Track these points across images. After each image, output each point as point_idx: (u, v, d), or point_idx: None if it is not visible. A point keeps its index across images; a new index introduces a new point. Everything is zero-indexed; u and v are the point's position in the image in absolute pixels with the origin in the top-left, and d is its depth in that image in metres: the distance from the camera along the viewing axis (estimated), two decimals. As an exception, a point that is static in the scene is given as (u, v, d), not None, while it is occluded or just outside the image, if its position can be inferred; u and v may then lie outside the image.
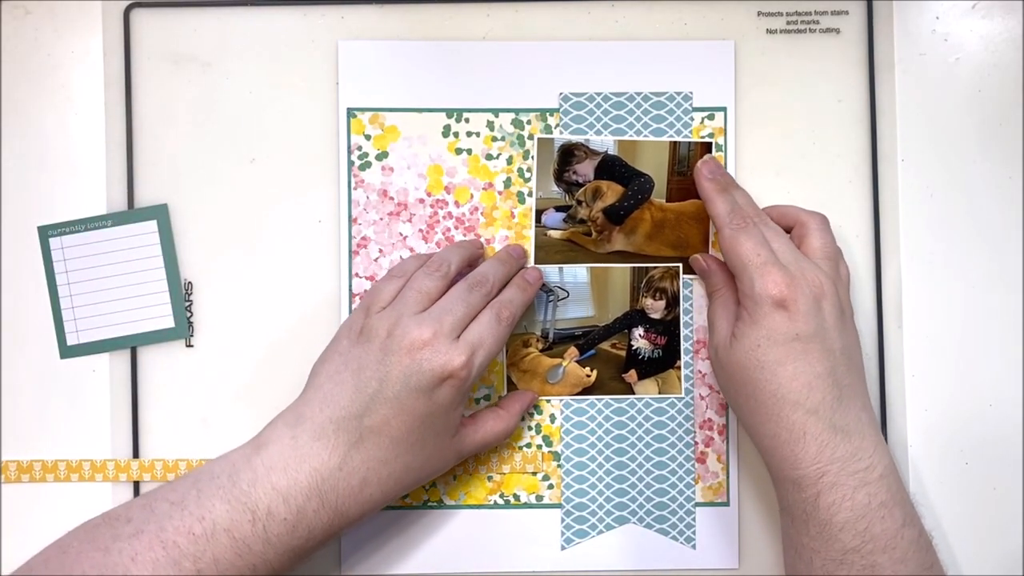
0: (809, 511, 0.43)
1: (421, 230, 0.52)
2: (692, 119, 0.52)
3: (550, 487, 0.52)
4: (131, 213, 0.51)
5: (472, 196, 0.53)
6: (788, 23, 0.53)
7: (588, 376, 0.52)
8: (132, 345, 0.51)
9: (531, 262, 0.52)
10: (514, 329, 0.48)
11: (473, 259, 0.50)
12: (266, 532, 0.41)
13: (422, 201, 0.52)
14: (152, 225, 0.51)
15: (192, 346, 0.52)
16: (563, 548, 0.52)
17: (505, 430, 0.49)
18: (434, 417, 0.44)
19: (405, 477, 0.45)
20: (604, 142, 0.52)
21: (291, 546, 0.42)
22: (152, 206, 0.51)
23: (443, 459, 0.47)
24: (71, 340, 0.51)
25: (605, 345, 0.53)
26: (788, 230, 0.49)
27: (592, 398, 0.52)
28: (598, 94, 0.52)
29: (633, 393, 0.52)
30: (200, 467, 0.44)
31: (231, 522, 0.41)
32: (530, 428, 0.52)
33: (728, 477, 0.52)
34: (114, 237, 0.51)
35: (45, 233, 0.51)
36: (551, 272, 0.52)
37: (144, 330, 0.51)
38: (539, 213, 0.52)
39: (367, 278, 0.52)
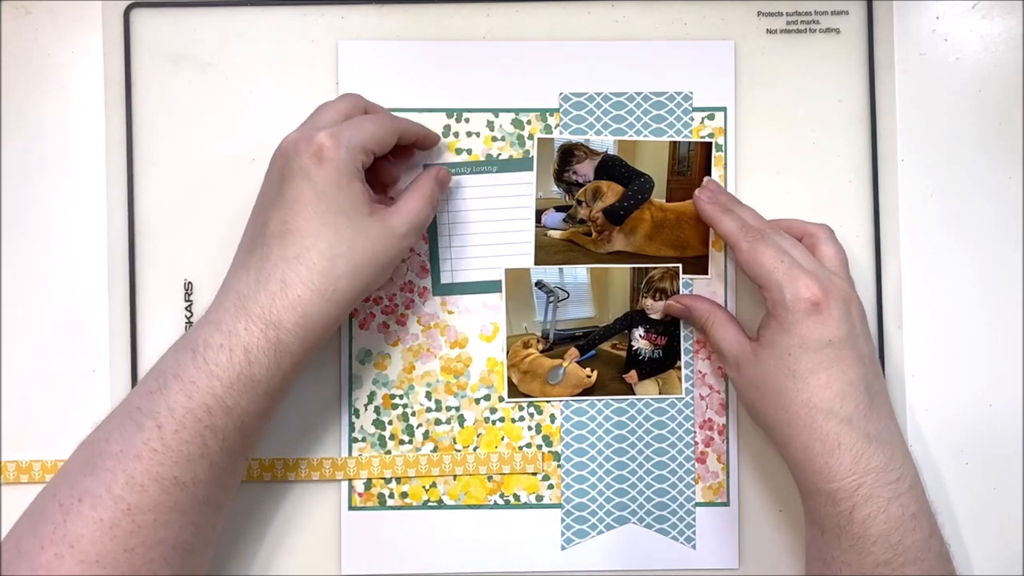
0: (843, 524, 0.42)
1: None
2: (692, 119, 0.52)
3: (550, 487, 0.52)
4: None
5: (472, 196, 0.53)
6: (788, 23, 0.53)
7: (588, 377, 0.52)
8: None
9: (531, 262, 0.52)
10: (512, 331, 0.48)
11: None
12: (207, 363, 0.41)
13: (422, 201, 0.52)
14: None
15: (192, 346, 0.52)
16: (563, 548, 0.52)
17: (424, 206, 0.47)
18: (327, 196, 0.43)
19: (331, 267, 0.42)
20: (604, 142, 0.52)
21: (236, 374, 0.41)
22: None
23: (370, 239, 0.44)
24: (445, 279, 0.52)
25: (605, 346, 0.53)
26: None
27: (592, 398, 0.52)
28: (598, 94, 0.52)
29: (633, 394, 0.52)
30: None
31: (177, 365, 0.41)
32: (530, 428, 0.52)
33: (728, 477, 0.52)
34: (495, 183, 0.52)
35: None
36: (551, 273, 0.52)
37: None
38: (539, 213, 0.52)
39: (367, 278, 0.52)
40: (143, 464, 0.40)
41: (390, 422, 0.52)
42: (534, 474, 0.52)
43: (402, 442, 0.52)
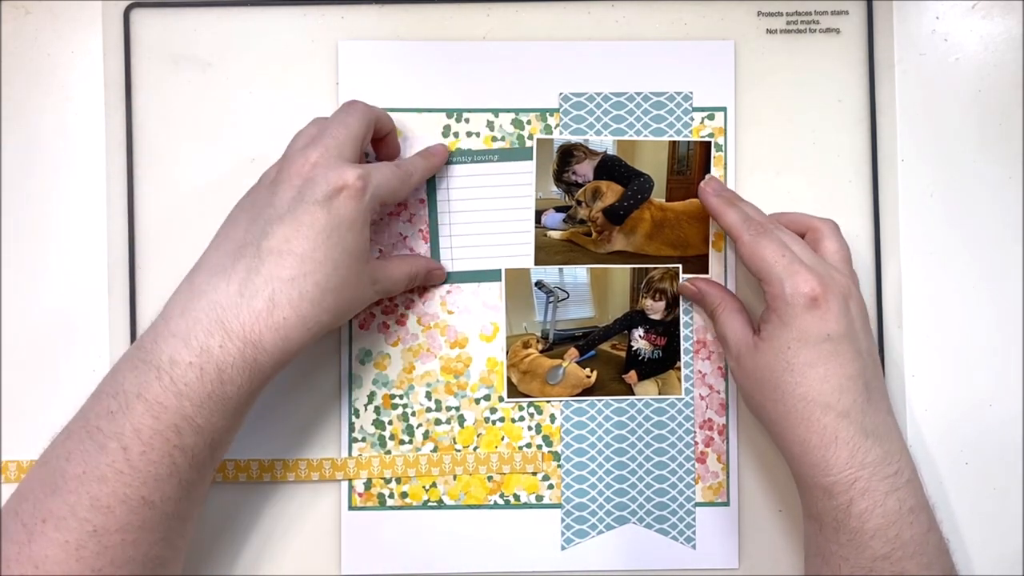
0: (840, 518, 0.42)
1: (421, 230, 0.52)
2: (692, 119, 0.52)
3: (550, 487, 0.52)
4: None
5: (472, 196, 0.53)
6: (788, 23, 0.53)
7: (588, 377, 0.52)
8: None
9: (531, 262, 0.52)
10: (512, 331, 0.48)
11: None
12: (174, 383, 0.39)
13: (422, 201, 0.52)
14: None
15: (192, 346, 0.52)
16: (563, 548, 0.52)
17: (405, 281, 0.49)
18: (339, 232, 0.42)
19: (322, 299, 0.41)
20: (604, 142, 0.52)
21: (207, 393, 0.39)
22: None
23: (359, 285, 0.44)
24: (445, 267, 0.52)
25: (605, 346, 0.53)
26: (800, 236, 0.49)
27: (592, 398, 0.52)
28: (598, 94, 0.52)
29: (633, 394, 0.52)
30: None
31: (140, 385, 0.39)
32: (530, 428, 0.52)
33: (728, 477, 0.52)
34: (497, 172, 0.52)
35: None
36: (551, 273, 0.52)
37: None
38: (539, 213, 0.52)
39: (367, 278, 0.52)
40: (109, 486, 0.38)
41: (390, 422, 0.52)
42: (534, 474, 0.52)
43: (402, 442, 0.52)
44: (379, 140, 0.50)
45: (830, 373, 0.43)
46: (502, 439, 0.52)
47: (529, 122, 0.52)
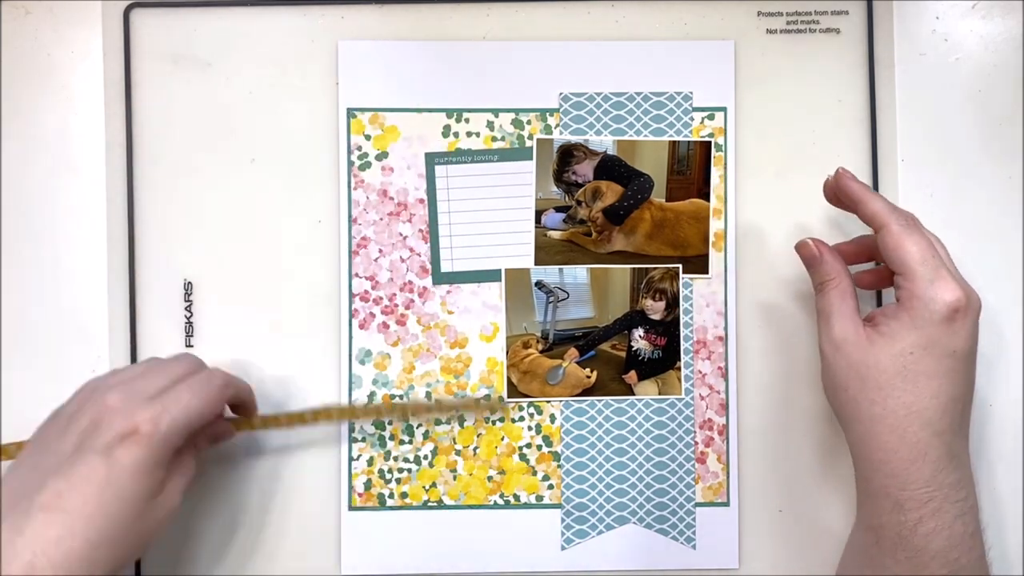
0: (905, 535, 0.41)
1: (421, 230, 0.52)
2: (692, 119, 0.52)
3: (550, 487, 0.52)
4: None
5: (472, 196, 0.53)
6: (788, 23, 0.53)
7: (588, 377, 0.52)
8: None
9: (531, 263, 0.52)
10: (512, 331, 0.48)
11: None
12: None
13: (422, 201, 0.52)
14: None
15: (192, 346, 0.52)
16: (563, 548, 0.52)
17: (188, 480, 0.44)
18: (118, 483, 0.40)
19: (92, 554, 0.39)
20: (603, 142, 0.52)
21: None
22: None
23: (147, 521, 0.41)
24: (445, 268, 0.52)
25: (605, 346, 0.53)
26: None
27: (592, 398, 0.52)
28: (598, 94, 0.52)
29: (633, 394, 0.52)
30: None
31: None
32: (530, 428, 0.52)
33: (728, 477, 0.52)
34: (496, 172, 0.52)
35: (432, 160, 0.51)
36: (551, 273, 0.52)
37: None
38: (539, 214, 0.52)
39: (367, 278, 0.52)
40: None
41: (390, 422, 0.52)
42: (534, 474, 0.52)
43: (402, 442, 0.52)
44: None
45: (943, 390, 0.42)
46: (502, 439, 0.52)
47: (529, 122, 0.52)
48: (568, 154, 0.52)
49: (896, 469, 0.42)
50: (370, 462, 0.52)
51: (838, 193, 0.47)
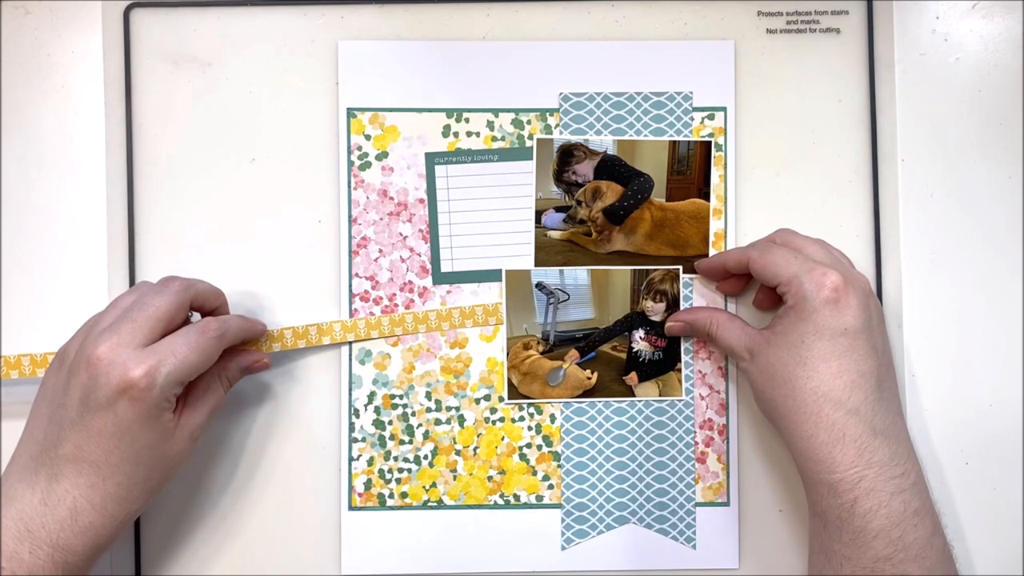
0: (844, 517, 0.42)
1: (421, 230, 0.52)
2: (692, 119, 0.52)
3: (550, 487, 0.52)
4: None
5: (472, 196, 0.53)
6: (788, 23, 0.53)
7: (589, 379, 0.52)
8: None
9: (531, 262, 0.52)
10: (512, 332, 0.48)
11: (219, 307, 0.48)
12: None
13: (422, 201, 0.52)
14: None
15: (192, 346, 0.52)
16: (563, 548, 0.52)
17: (216, 405, 0.47)
18: (130, 433, 0.42)
19: (128, 495, 0.42)
20: (604, 142, 0.52)
21: None
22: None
23: (169, 457, 0.44)
24: (445, 267, 0.52)
25: (606, 347, 0.53)
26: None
27: (592, 399, 0.52)
28: (598, 94, 0.52)
29: (634, 395, 0.52)
30: None
31: None
32: (530, 428, 0.52)
33: (728, 477, 0.52)
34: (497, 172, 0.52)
35: (432, 160, 0.51)
36: (551, 274, 0.52)
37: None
38: (539, 214, 0.52)
39: (367, 278, 0.52)
40: None
41: (390, 422, 0.52)
42: (534, 474, 0.52)
43: (402, 442, 0.52)
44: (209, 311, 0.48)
45: (844, 368, 0.43)
46: (502, 439, 0.52)
47: (529, 122, 0.52)
48: (568, 154, 0.52)
49: (821, 455, 0.43)
50: (370, 462, 0.52)
51: (724, 272, 0.51)
